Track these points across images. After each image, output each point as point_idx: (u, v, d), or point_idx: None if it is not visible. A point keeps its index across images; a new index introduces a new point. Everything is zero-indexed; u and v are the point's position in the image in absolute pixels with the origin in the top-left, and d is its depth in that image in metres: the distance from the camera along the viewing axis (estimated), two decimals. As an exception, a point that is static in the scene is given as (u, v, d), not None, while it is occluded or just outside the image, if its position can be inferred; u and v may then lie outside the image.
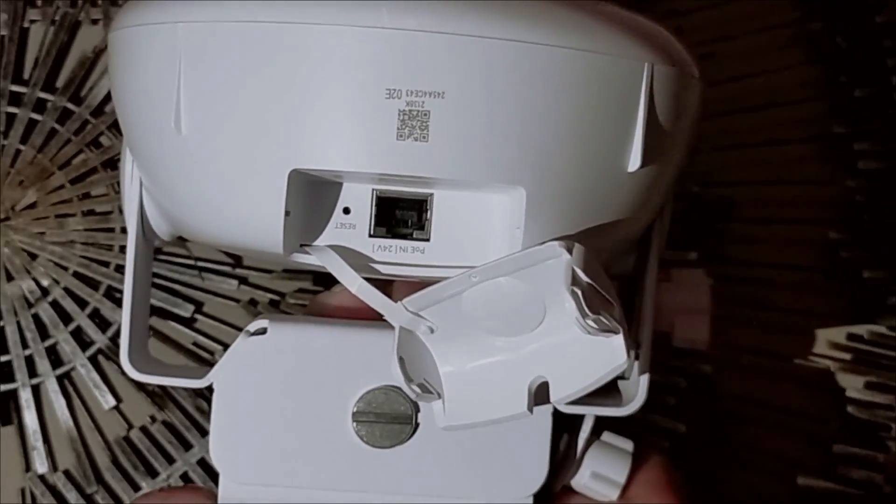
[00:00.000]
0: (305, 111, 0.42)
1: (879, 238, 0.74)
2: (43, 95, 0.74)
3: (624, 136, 0.43)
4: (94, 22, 0.75)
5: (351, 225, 0.45)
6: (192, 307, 0.72)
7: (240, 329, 0.70)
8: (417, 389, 0.43)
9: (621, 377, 0.49)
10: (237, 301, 0.72)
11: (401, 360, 0.43)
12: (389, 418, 0.47)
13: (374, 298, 0.44)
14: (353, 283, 0.44)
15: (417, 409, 0.47)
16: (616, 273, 0.50)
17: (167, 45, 0.43)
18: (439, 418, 0.44)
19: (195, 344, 0.72)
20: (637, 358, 0.49)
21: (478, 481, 0.48)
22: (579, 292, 0.41)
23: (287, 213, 0.43)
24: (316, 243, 0.45)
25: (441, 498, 0.48)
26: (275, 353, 0.48)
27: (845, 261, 0.74)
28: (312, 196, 0.44)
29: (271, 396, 0.48)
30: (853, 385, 0.74)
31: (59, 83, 0.75)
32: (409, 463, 0.47)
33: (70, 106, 0.74)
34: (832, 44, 0.76)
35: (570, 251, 0.42)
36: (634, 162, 0.44)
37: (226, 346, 0.69)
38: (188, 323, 0.72)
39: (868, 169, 0.75)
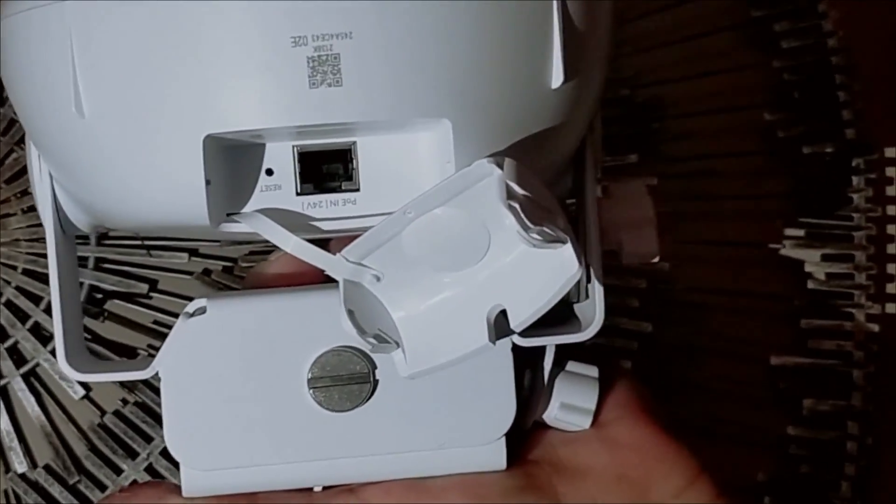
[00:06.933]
0: (211, 73, 0.38)
1: (813, 113, 0.73)
2: (-34, 103, 0.71)
3: (543, 52, 0.40)
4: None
5: (276, 186, 0.41)
6: (146, 286, 0.69)
7: (202, 296, 0.68)
8: (373, 341, 0.40)
9: (576, 300, 0.46)
10: (190, 274, 0.70)
11: (350, 312, 0.40)
12: (346, 380, 0.44)
13: (312, 254, 0.40)
14: (288, 243, 0.40)
15: (374, 366, 0.44)
16: (555, 197, 0.46)
17: (55, 26, 0.39)
18: (401, 367, 0.41)
19: (156, 322, 0.70)
20: (588, 279, 0.45)
21: (446, 428, 0.45)
22: (517, 206, 0.38)
23: (208, 182, 0.39)
24: (244, 210, 0.41)
25: (411, 450, 0.45)
26: (217, 331, 0.44)
27: (783, 140, 0.73)
28: (232, 162, 0.41)
29: (221, 377, 0.44)
30: (810, 259, 0.72)
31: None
32: (374, 421, 0.44)
33: (-7, 108, 0.70)
34: (738, -70, 0.74)
35: (500, 166, 0.38)
36: (557, 78, 0.40)
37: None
38: (145, 302, 0.70)
39: (791, 47, 0.73)
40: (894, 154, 0.74)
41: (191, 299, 0.65)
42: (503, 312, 0.40)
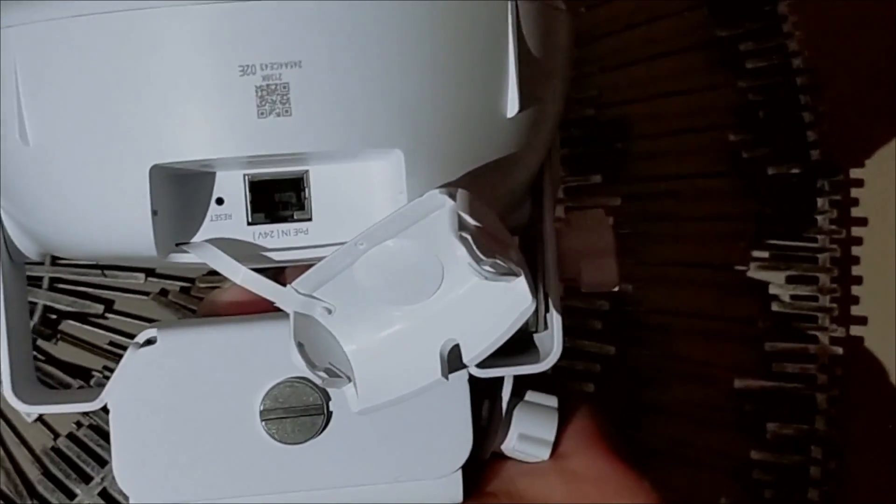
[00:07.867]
0: (157, 102, 0.37)
1: (778, 133, 0.72)
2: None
3: (497, 80, 0.39)
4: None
5: (227, 216, 0.40)
6: (101, 306, 0.68)
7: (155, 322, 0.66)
8: (324, 375, 0.39)
9: (535, 330, 0.45)
10: (147, 294, 0.68)
11: (300, 346, 0.39)
12: (299, 412, 0.43)
13: (261, 286, 0.39)
14: (237, 274, 0.39)
15: (328, 398, 0.43)
16: (513, 225, 0.46)
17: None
18: (353, 402, 0.40)
19: (112, 343, 0.68)
20: (547, 308, 0.44)
21: (401, 461, 0.44)
22: (468, 237, 0.37)
23: (155, 213, 0.38)
24: (193, 240, 0.40)
25: (366, 483, 0.44)
26: (168, 362, 0.43)
27: (748, 161, 0.72)
28: (181, 191, 0.40)
29: (171, 408, 0.43)
30: (775, 281, 0.71)
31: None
32: (328, 454, 0.43)
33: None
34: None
35: (453, 197, 0.37)
36: (513, 107, 0.39)
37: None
38: (101, 323, 0.68)
39: (756, 67, 0.72)
40: (859, 175, 0.72)
41: (147, 320, 0.64)
42: (456, 346, 0.39)
